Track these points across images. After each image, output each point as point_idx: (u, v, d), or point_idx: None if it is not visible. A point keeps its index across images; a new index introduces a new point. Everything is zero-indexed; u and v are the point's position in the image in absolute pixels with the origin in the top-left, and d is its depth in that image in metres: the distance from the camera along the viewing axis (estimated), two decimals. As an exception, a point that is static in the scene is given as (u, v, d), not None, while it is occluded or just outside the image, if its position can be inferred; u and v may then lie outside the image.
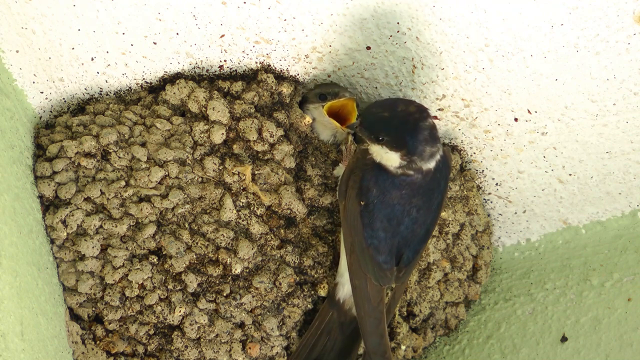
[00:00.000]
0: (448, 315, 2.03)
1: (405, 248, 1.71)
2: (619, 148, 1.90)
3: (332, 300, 1.80)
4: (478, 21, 1.69)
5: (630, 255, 2.01)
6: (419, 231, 1.71)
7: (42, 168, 1.81)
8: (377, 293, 1.71)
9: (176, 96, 1.87)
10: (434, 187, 1.69)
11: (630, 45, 1.68)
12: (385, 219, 1.68)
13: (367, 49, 1.81)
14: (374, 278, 1.70)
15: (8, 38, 1.79)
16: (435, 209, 1.72)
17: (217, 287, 1.79)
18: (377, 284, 1.70)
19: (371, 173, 1.67)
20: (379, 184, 1.67)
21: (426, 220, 1.71)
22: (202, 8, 1.75)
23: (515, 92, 1.83)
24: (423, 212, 1.70)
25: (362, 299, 1.71)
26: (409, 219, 1.69)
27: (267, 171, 1.82)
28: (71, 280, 1.78)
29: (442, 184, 1.71)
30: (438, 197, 1.71)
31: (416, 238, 1.71)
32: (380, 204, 1.67)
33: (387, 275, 1.70)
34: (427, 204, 1.70)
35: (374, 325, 1.71)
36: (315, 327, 1.79)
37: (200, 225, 1.80)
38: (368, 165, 1.68)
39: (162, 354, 1.78)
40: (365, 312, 1.71)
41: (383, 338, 1.72)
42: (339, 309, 1.80)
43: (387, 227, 1.68)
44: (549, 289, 2.05)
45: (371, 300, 1.71)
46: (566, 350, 1.93)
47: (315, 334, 1.79)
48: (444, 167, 1.70)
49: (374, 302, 1.71)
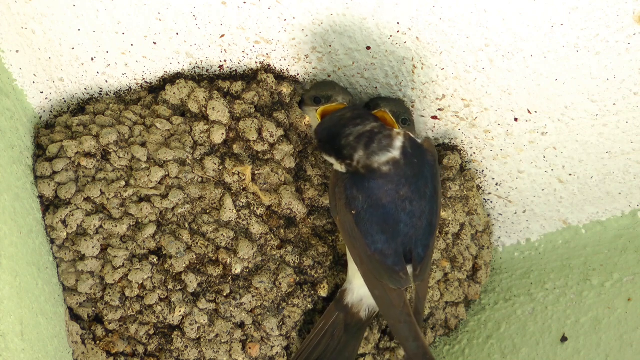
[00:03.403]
0: (448, 315, 2.03)
1: (412, 245, 1.68)
2: (619, 148, 1.90)
3: (340, 304, 1.79)
4: (478, 21, 1.70)
5: (630, 255, 2.01)
6: (421, 224, 1.69)
7: (42, 168, 1.81)
8: (399, 297, 1.68)
9: (176, 96, 1.87)
10: (416, 174, 1.68)
11: (630, 45, 1.68)
12: (381, 221, 1.67)
13: (367, 49, 1.81)
14: (390, 283, 1.68)
15: (8, 38, 1.79)
16: (430, 198, 1.70)
17: (217, 287, 1.79)
18: (395, 288, 1.68)
19: (351, 181, 1.68)
20: (361, 189, 1.67)
21: (424, 211, 1.69)
22: (202, 8, 1.75)
23: (515, 92, 1.83)
24: (417, 202, 1.68)
25: (386, 307, 1.70)
26: (405, 215, 1.67)
27: (267, 171, 1.82)
28: (71, 280, 1.78)
29: (426, 171, 1.69)
30: (429, 185, 1.69)
31: (420, 232, 1.69)
32: (371, 207, 1.67)
33: (401, 277, 1.67)
34: (418, 193, 1.68)
35: (406, 330, 1.69)
36: (320, 328, 1.79)
37: (200, 225, 1.80)
38: (345, 175, 1.69)
39: (162, 354, 1.78)
40: (394, 319, 1.69)
41: (419, 340, 1.69)
42: (346, 312, 1.79)
43: (385, 229, 1.67)
44: (549, 289, 2.05)
45: (395, 305, 1.68)
46: (566, 350, 1.93)
47: (319, 334, 1.79)
48: (417, 153, 1.69)
49: (397, 306, 1.68)
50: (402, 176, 1.67)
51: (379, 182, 1.67)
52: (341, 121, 1.70)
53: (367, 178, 1.67)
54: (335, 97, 1.86)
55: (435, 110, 1.92)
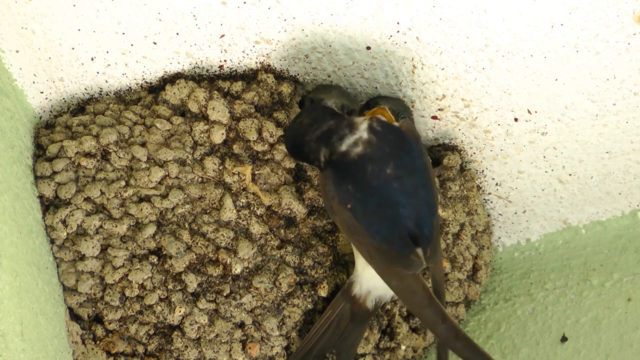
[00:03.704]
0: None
1: (416, 226, 1.64)
2: (619, 148, 1.90)
3: (347, 295, 1.78)
4: (478, 21, 1.70)
5: (630, 255, 2.01)
6: (418, 202, 1.66)
7: (42, 168, 1.81)
8: (416, 282, 1.64)
9: (176, 96, 1.87)
10: (397, 150, 1.66)
11: (630, 45, 1.68)
12: (377, 208, 1.64)
13: (367, 49, 1.81)
14: (403, 269, 1.64)
15: (8, 38, 1.80)
16: (422, 173, 1.67)
17: (217, 287, 1.79)
18: (410, 273, 1.64)
19: (335, 176, 1.68)
20: (347, 177, 1.66)
21: (417, 187, 1.66)
22: (202, 8, 1.75)
23: (515, 92, 1.83)
24: (407, 180, 1.65)
25: (407, 296, 1.66)
26: (401, 195, 1.65)
27: (267, 171, 1.82)
28: (71, 280, 1.78)
29: (407, 147, 1.68)
30: (415, 160, 1.68)
31: (421, 210, 1.65)
32: (364, 195, 1.65)
33: (413, 260, 1.63)
34: (405, 169, 1.66)
35: (432, 314, 1.64)
36: (327, 317, 1.79)
37: (200, 225, 1.80)
38: (328, 172, 1.69)
39: (162, 354, 1.78)
40: (418, 306, 1.65)
41: (448, 321, 1.63)
42: (353, 303, 1.78)
43: (384, 216, 1.64)
44: (549, 289, 2.05)
45: (415, 292, 1.64)
46: (566, 350, 1.93)
47: (326, 323, 1.79)
48: (390, 130, 1.68)
49: (418, 292, 1.64)
50: (381, 152, 1.66)
51: (359, 163, 1.66)
52: (300, 129, 1.74)
53: (347, 165, 1.66)
54: (325, 101, 1.84)
55: (435, 110, 1.92)
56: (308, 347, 1.79)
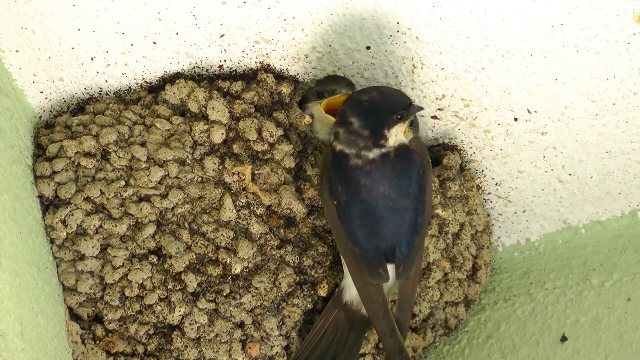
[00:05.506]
0: (448, 315, 2.03)
1: (396, 243, 1.69)
2: (619, 148, 1.90)
3: (339, 302, 1.79)
4: (478, 21, 1.70)
5: (630, 255, 2.01)
6: (404, 223, 1.69)
7: (42, 168, 1.81)
8: (378, 292, 1.70)
9: (176, 96, 1.87)
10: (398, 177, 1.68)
11: (630, 45, 1.68)
12: (360, 216, 1.68)
13: (367, 49, 1.81)
14: (369, 276, 1.69)
15: (8, 38, 1.80)
16: (415, 197, 1.69)
17: (217, 287, 1.79)
18: (375, 283, 1.70)
19: (335, 171, 1.69)
20: (343, 181, 1.68)
21: (407, 210, 1.68)
22: (202, 8, 1.75)
23: (515, 92, 1.83)
24: (399, 201, 1.68)
25: (367, 301, 1.71)
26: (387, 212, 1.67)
27: (267, 171, 1.82)
28: (71, 280, 1.78)
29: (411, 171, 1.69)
30: (413, 184, 1.69)
31: (404, 230, 1.69)
32: (350, 201, 1.68)
33: (380, 273, 1.69)
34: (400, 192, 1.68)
35: (384, 326, 1.70)
36: (320, 327, 1.79)
37: (200, 225, 1.80)
38: (328, 162, 1.70)
39: (162, 354, 1.78)
40: (374, 313, 1.71)
41: (396, 336, 1.71)
42: (346, 310, 1.79)
43: (365, 224, 1.68)
44: (549, 289, 2.05)
45: (375, 300, 1.70)
46: (566, 350, 1.93)
47: (319, 333, 1.79)
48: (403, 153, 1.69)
49: (377, 301, 1.70)
50: (381, 174, 1.68)
51: (354, 173, 1.67)
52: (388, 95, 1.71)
53: (347, 169, 1.68)
54: (339, 90, 1.86)
55: (435, 110, 1.92)
56: (302, 359, 1.79)
